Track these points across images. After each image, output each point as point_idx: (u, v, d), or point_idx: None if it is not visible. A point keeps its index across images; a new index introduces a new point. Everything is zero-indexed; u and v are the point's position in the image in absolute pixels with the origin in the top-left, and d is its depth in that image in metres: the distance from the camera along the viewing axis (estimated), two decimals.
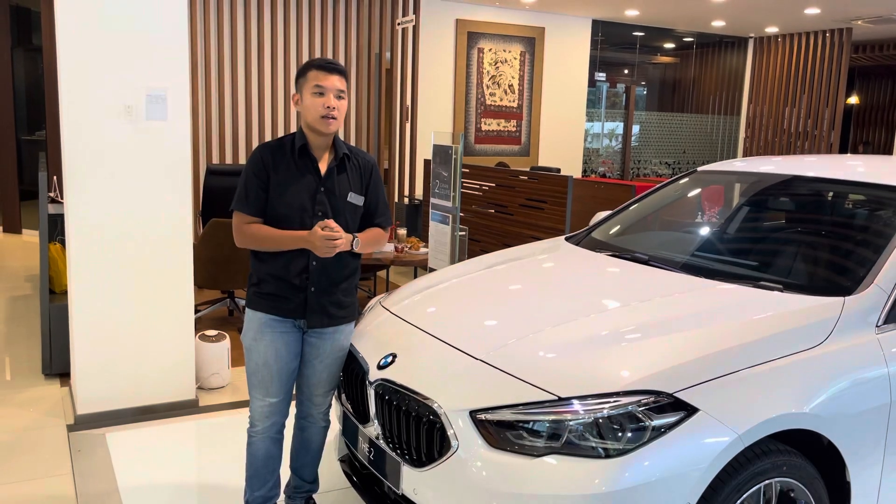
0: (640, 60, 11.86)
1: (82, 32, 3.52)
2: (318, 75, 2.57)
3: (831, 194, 3.25)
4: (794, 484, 2.24)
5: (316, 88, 2.56)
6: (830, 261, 2.94)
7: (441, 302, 2.93)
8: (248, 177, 2.62)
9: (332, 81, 2.57)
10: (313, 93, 2.56)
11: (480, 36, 9.37)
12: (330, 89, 2.57)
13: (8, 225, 8.87)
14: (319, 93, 2.56)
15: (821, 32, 10.51)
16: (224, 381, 4.26)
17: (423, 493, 2.28)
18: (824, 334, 2.35)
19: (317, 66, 2.58)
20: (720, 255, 3.18)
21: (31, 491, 3.14)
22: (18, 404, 3.98)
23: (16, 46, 8.79)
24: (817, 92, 10.59)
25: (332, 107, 2.57)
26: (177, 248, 3.83)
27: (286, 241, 2.58)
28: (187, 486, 3.26)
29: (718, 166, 3.65)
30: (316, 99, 2.56)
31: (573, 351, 2.28)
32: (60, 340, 4.23)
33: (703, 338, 2.28)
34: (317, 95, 2.56)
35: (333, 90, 2.57)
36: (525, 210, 5.80)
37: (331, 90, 2.57)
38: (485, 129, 9.61)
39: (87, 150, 3.59)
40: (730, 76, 11.73)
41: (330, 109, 2.56)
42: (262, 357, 2.66)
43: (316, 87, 2.56)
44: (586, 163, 10.94)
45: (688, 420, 2.06)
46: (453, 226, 4.13)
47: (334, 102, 2.57)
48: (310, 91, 2.57)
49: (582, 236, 3.54)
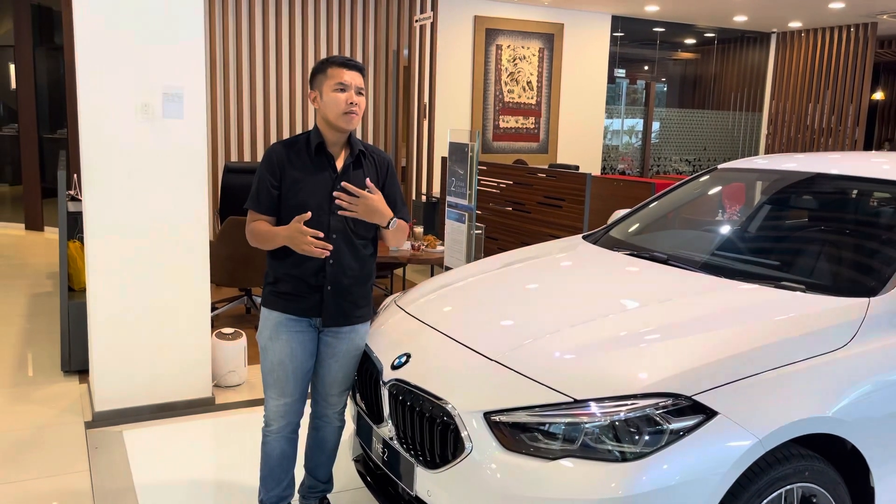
0: (660, 56, 11.75)
1: (99, 31, 3.53)
2: (339, 72, 2.56)
3: (855, 192, 3.17)
4: (817, 489, 2.19)
5: (338, 85, 2.56)
6: (855, 261, 2.87)
7: (456, 301, 2.91)
8: (260, 175, 2.62)
9: (354, 78, 2.58)
10: (335, 89, 2.56)
11: (499, 32, 9.32)
12: (351, 85, 2.57)
13: (30, 222, 8.97)
14: (341, 89, 2.56)
15: (845, 27, 10.34)
16: (241, 378, 4.26)
17: (436, 495, 2.25)
18: (848, 336, 2.29)
19: (338, 64, 2.58)
20: (740, 255, 3.12)
21: (48, 487, 3.15)
22: (38, 401, 4.01)
23: (38, 46, 8.88)
24: (841, 88, 10.42)
25: (355, 102, 2.57)
26: (193, 246, 3.84)
27: (270, 239, 2.58)
28: (202, 483, 3.27)
29: (739, 164, 3.59)
30: (338, 95, 2.55)
31: (589, 352, 2.25)
32: (79, 338, 4.26)
33: (723, 339, 2.23)
34: (338, 91, 2.56)
35: (354, 86, 2.57)
36: (543, 208, 5.75)
37: (352, 86, 2.57)
38: (503, 126, 9.56)
39: (104, 147, 3.60)
40: (752, 72, 11.58)
41: (352, 105, 2.56)
42: (277, 356, 2.65)
43: (338, 84, 2.56)
44: (605, 160, 10.86)
45: (707, 423, 2.02)
46: (469, 224, 4.10)
47: (356, 98, 2.57)
48: (331, 88, 2.56)
49: (600, 235, 3.49)
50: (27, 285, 6.41)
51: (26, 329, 5.23)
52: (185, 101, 3.70)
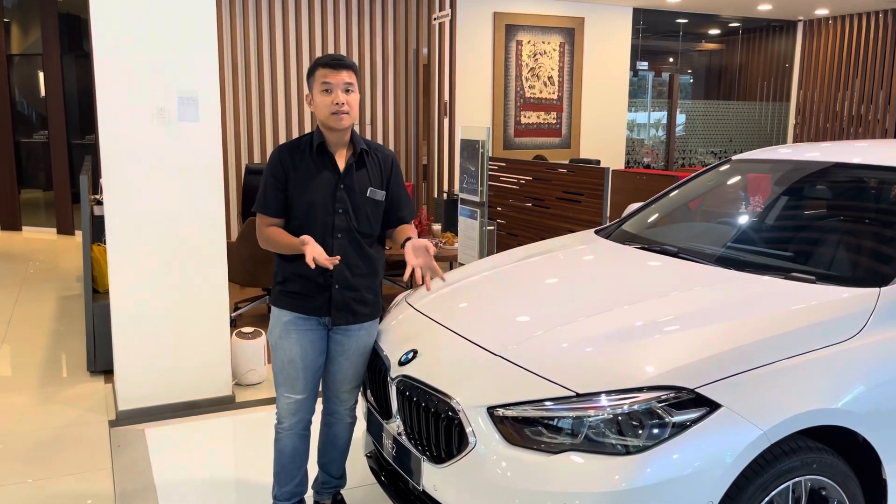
0: (683, 48, 11.61)
1: (115, 37, 3.61)
2: (325, 72, 2.57)
3: (868, 182, 3.12)
4: (826, 482, 2.17)
5: (324, 85, 2.57)
6: (865, 251, 2.82)
7: (464, 297, 2.92)
8: (266, 178, 2.65)
9: (340, 77, 2.57)
10: (322, 90, 2.57)
11: (518, 28, 9.29)
12: (337, 85, 2.56)
13: (61, 227, 9.17)
14: (327, 90, 2.57)
15: (873, 13, 10.13)
16: (260, 377, 4.32)
17: (443, 490, 2.27)
18: (858, 326, 2.26)
19: (323, 64, 2.59)
20: (751, 247, 3.09)
21: (71, 485, 3.23)
22: (64, 401, 4.11)
23: (66, 53, 9.07)
24: (870, 75, 10.21)
25: (341, 102, 2.56)
26: (211, 247, 3.90)
27: (285, 247, 2.60)
28: (221, 481, 3.32)
29: (753, 154, 3.55)
30: (325, 97, 2.57)
31: (592, 346, 2.25)
32: (104, 339, 4.35)
33: (728, 332, 2.21)
34: (325, 93, 2.57)
35: (340, 85, 2.57)
36: (562, 203, 5.73)
37: (338, 86, 2.56)
38: (524, 122, 9.53)
39: (122, 152, 3.68)
40: (778, 61, 11.39)
41: (339, 105, 2.56)
42: (287, 355, 2.69)
43: (323, 83, 2.57)
44: (629, 153, 10.77)
45: (710, 416, 2.01)
46: (481, 220, 4.11)
47: (342, 97, 2.57)
48: (318, 89, 2.58)
49: (612, 229, 3.48)
50: (57, 288, 6.55)
51: (55, 330, 5.36)
52: (200, 104, 3.76)
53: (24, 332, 5.32)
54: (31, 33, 9.43)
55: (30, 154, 9.97)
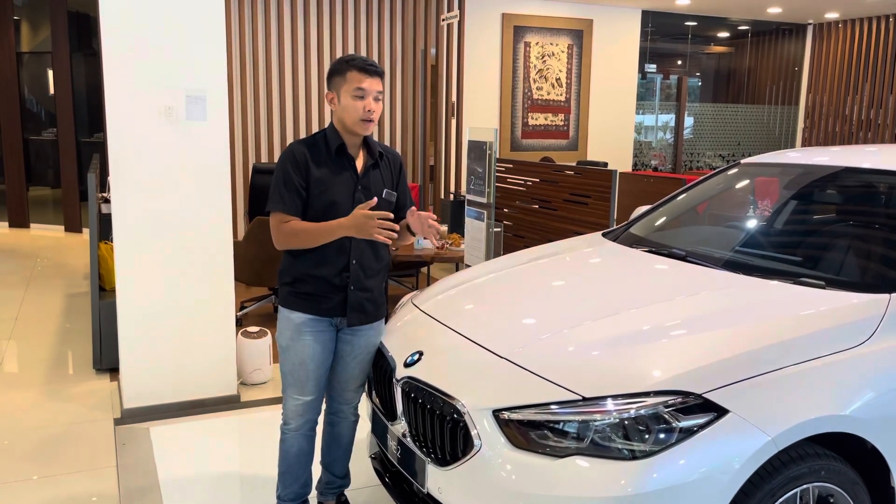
0: (692, 51, 11.58)
1: (123, 36, 3.61)
2: (359, 77, 2.53)
3: (878, 186, 3.10)
4: (834, 489, 2.15)
5: (357, 91, 2.53)
6: (875, 256, 2.80)
7: (470, 299, 2.91)
8: (285, 174, 2.56)
9: (373, 84, 2.54)
10: (354, 95, 2.53)
11: (527, 30, 9.28)
12: (370, 92, 2.54)
13: (69, 224, 9.20)
14: (360, 96, 2.53)
15: (883, 17, 10.09)
16: (266, 376, 4.32)
17: (447, 493, 2.26)
18: (868, 332, 2.24)
19: (358, 68, 2.54)
20: (760, 251, 3.07)
21: (76, 484, 3.23)
22: (70, 398, 4.12)
23: (75, 51, 9.10)
24: (880, 79, 10.17)
25: (372, 109, 2.55)
26: (218, 247, 3.90)
27: (325, 233, 2.51)
28: (225, 480, 3.32)
29: (762, 158, 3.53)
30: (357, 102, 2.53)
31: (599, 350, 2.23)
32: (110, 337, 4.35)
33: (736, 337, 2.19)
34: (357, 98, 2.53)
35: (373, 93, 2.55)
36: (569, 205, 5.72)
37: (371, 93, 2.54)
38: (532, 123, 9.52)
39: (130, 150, 3.68)
40: (787, 65, 11.36)
41: (369, 113, 2.54)
42: (299, 357, 2.66)
43: (357, 89, 2.53)
44: (637, 156, 10.74)
45: (717, 422, 1.99)
46: (488, 222, 4.10)
47: (373, 105, 2.55)
48: (349, 93, 2.53)
49: (619, 232, 3.46)
50: (65, 285, 6.57)
51: (62, 328, 5.37)
52: (208, 103, 3.76)
53: (31, 329, 5.33)
54: (41, 31, 9.48)
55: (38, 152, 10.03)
